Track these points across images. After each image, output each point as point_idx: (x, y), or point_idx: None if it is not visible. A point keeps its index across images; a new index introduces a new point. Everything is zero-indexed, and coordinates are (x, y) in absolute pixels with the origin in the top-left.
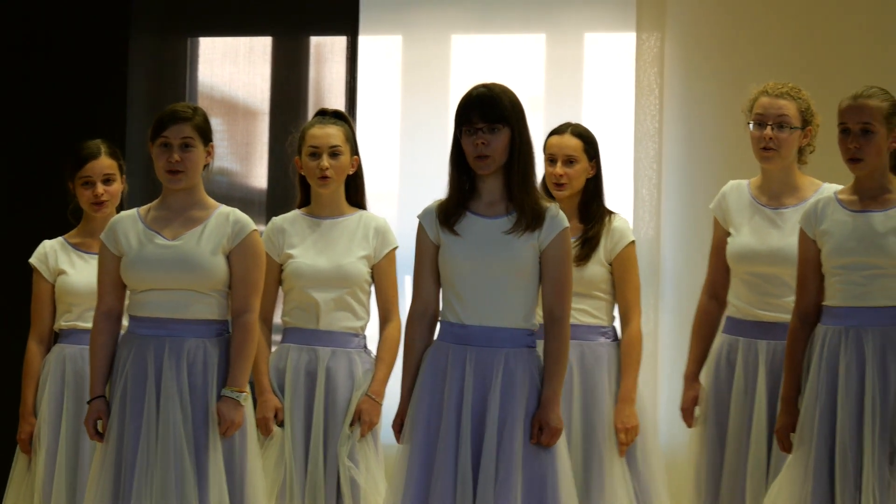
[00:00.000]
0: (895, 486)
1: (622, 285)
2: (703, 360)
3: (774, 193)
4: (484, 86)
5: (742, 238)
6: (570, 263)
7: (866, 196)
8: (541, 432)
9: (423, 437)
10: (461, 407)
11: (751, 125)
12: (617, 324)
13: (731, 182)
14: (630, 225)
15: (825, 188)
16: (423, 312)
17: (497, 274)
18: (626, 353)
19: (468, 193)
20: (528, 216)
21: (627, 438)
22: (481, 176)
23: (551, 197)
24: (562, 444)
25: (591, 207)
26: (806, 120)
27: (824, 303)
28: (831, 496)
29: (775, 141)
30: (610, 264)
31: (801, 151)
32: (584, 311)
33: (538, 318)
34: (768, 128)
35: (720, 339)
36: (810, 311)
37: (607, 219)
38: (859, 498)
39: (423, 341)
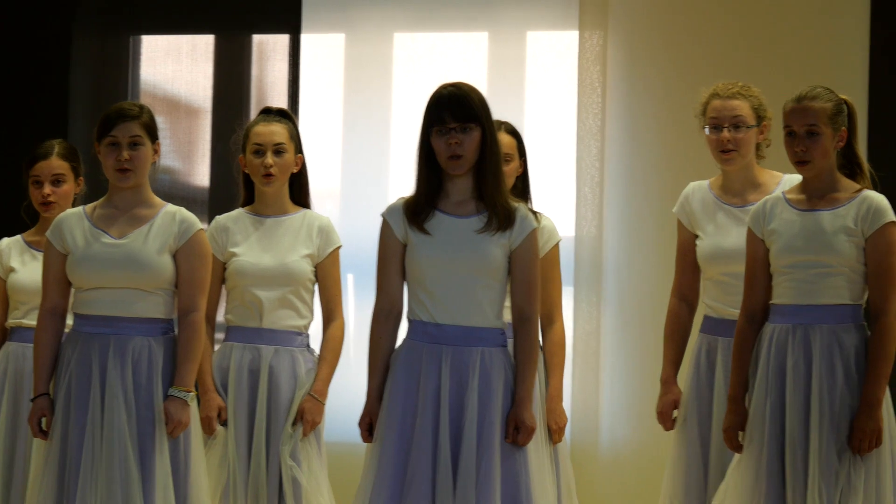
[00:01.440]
0: (843, 485)
1: (546, 285)
2: (679, 362)
3: (738, 191)
4: (453, 84)
5: (712, 239)
6: (538, 264)
7: (814, 195)
8: (516, 431)
9: (397, 436)
10: (438, 406)
11: (706, 129)
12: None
13: (692, 184)
14: (557, 223)
15: (786, 179)
16: (389, 310)
17: (470, 273)
18: (551, 352)
19: (436, 192)
20: (500, 216)
21: (561, 436)
22: (451, 175)
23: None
24: (535, 443)
25: None
26: (760, 116)
27: (772, 301)
28: (784, 495)
29: (733, 142)
30: None
31: (757, 147)
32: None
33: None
34: (724, 130)
35: (698, 339)
36: (758, 310)
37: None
38: (806, 496)
39: (390, 340)
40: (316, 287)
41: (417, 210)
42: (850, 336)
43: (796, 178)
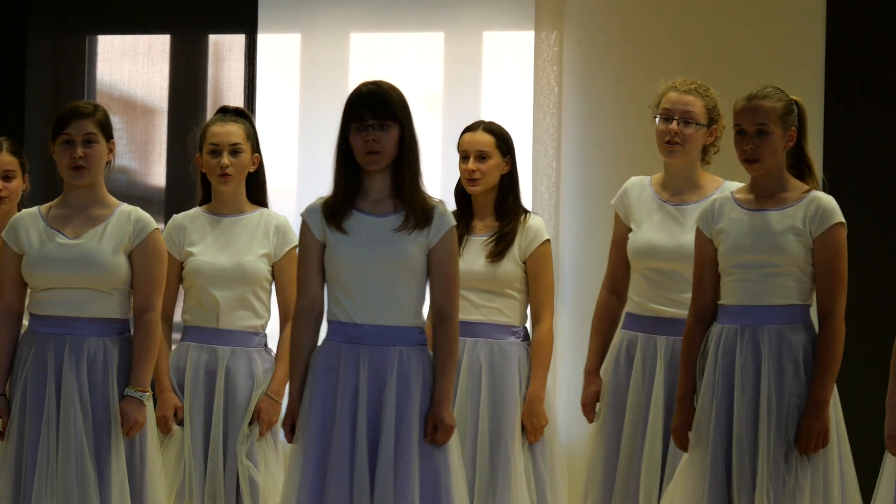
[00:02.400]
0: (791, 485)
1: (535, 284)
2: (604, 355)
3: (677, 190)
4: (373, 83)
5: (644, 233)
6: (458, 261)
7: (763, 195)
8: (435, 430)
9: (317, 436)
10: (356, 406)
11: (657, 119)
12: (529, 323)
13: (633, 178)
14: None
15: (727, 186)
16: (310, 311)
17: (387, 272)
18: (536, 351)
19: (354, 191)
20: (418, 214)
21: (538, 437)
22: (369, 173)
23: (464, 197)
24: (454, 442)
25: (506, 204)
26: (712, 118)
27: (720, 302)
28: (728, 495)
29: (680, 136)
30: (524, 263)
31: (705, 151)
32: (496, 309)
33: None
34: (674, 122)
35: (619, 334)
36: (706, 310)
37: (523, 217)
38: (755, 496)
39: (312, 340)
40: (273, 286)
41: (335, 209)
42: (798, 336)
43: (735, 186)
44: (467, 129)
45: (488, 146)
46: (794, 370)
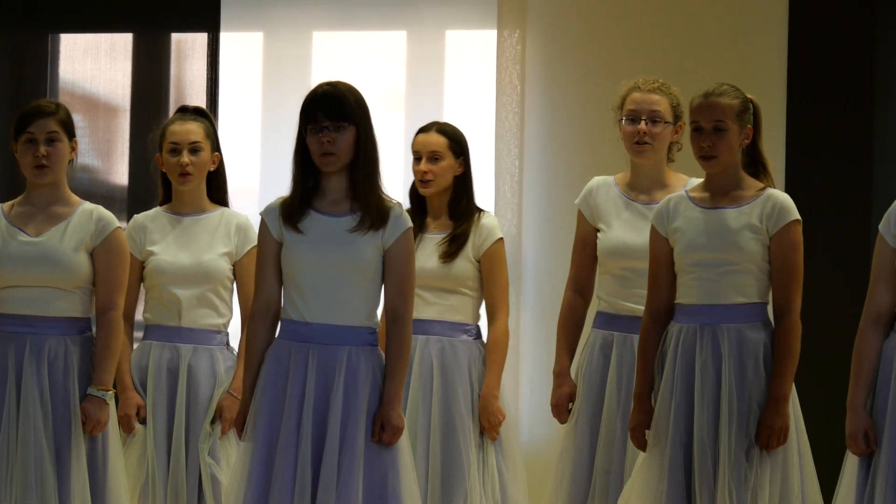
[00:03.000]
0: (752, 482)
1: (489, 282)
2: (573, 355)
3: (644, 189)
4: (329, 84)
5: (615, 233)
6: (413, 263)
7: (719, 193)
8: (382, 431)
9: (265, 434)
10: (303, 404)
11: (623, 121)
12: (483, 322)
13: (597, 178)
14: (499, 223)
15: (693, 182)
16: (266, 310)
17: (341, 272)
18: (491, 349)
19: (312, 191)
20: (373, 215)
21: (496, 434)
22: (326, 174)
23: (419, 196)
24: (404, 442)
25: (459, 205)
26: (677, 115)
27: (677, 301)
28: (687, 494)
29: (649, 135)
30: (478, 261)
31: (669, 147)
32: (450, 307)
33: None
34: (641, 122)
35: (592, 333)
36: (662, 308)
37: (476, 216)
38: (716, 495)
39: (266, 340)
40: (235, 285)
41: (293, 209)
42: (757, 334)
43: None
44: (421, 130)
45: (441, 147)
46: (754, 368)
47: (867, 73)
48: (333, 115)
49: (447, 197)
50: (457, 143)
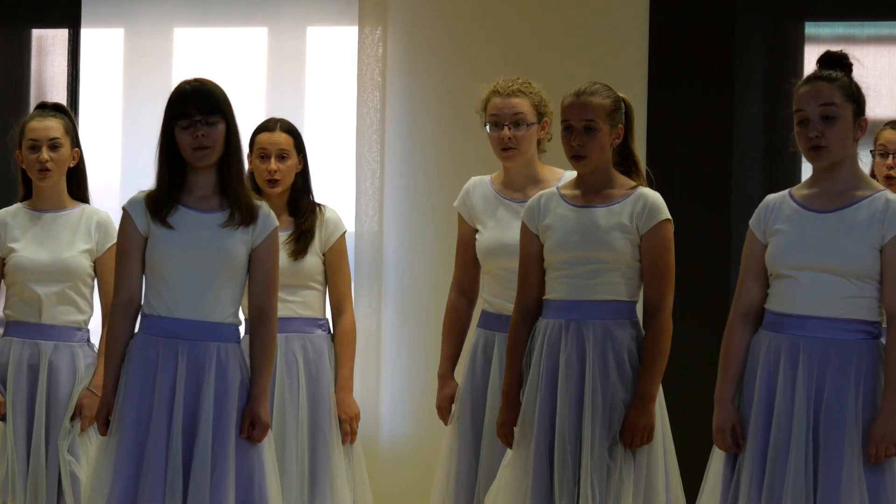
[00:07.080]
0: (615, 479)
1: (335, 276)
2: (457, 357)
3: (519, 187)
4: (195, 79)
5: (491, 233)
6: (278, 262)
7: (589, 191)
8: (252, 428)
9: (132, 430)
10: (173, 401)
11: (487, 127)
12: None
13: (473, 179)
14: (341, 216)
15: (567, 176)
16: (129, 305)
17: (211, 268)
18: (341, 342)
19: (178, 187)
20: (243, 211)
21: (353, 427)
22: (195, 170)
23: (260, 193)
24: (268, 440)
25: (300, 202)
26: (541, 113)
27: (546, 297)
28: (552, 491)
29: (514, 140)
30: (324, 255)
31: (539, 142)
32: (302, 302)
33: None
34: (505, 128)
35: (476, 333)
36: (531, 305)
37: (318, 210)
38: (578, 491)
39: (128, 334)
40: (95, 282)
41: (160, 203)
42: (624, 332)
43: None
44: (263, 129)
45: (288, 146)
46: (619, 365)
47: (727, 68)
48: (205, 109)
49: (287, 195)
50: (298, 141)
